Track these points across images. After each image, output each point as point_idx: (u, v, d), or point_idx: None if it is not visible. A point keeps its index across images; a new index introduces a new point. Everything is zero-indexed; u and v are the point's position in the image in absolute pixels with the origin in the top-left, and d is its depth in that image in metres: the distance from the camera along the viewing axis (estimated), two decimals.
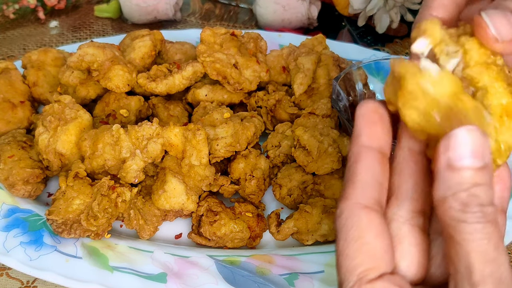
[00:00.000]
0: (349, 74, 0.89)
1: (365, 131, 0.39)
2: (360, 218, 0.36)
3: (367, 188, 0.37)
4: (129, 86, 0.84)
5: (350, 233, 0.36)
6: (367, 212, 0.37)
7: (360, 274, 0.35)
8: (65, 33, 1.25)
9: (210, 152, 0.76)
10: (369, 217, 0.36)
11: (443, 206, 0.34)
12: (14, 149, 0.77)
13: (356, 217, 0.36)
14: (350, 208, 0.37)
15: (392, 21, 1.22)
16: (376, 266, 0.35)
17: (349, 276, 0.35)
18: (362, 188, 0.37)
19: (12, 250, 0.68)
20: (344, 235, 0.36)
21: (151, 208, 0.73)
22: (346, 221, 0.37)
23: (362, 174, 0.38)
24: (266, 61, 0.92)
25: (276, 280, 0.67)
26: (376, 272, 0.35)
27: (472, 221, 0.33)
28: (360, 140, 0.39)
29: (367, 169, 0.38)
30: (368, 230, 0.36)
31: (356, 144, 0.39)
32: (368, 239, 0.36)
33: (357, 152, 0.38)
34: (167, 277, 0.67)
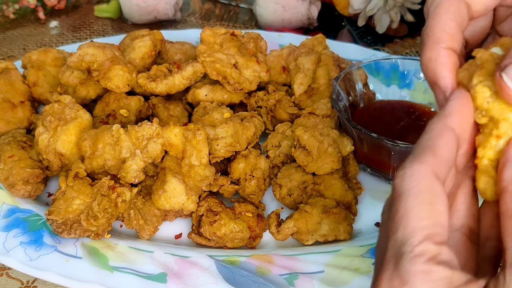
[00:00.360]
0: (349, 74, 0.89)
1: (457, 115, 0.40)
2: (435, 186, 0.37)
3: (445, 164, 0.38)
4: (129, 86, 0.84)
5: (423, 196, 0.37)
6: (441, 184, 0.38)
7: (428, 235, 0.36)
8: (65, 33, 1.25)
9: (210, 152, 0.76)
10: (442, 190, 0.37)
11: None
12: (14, 149, 0.77)
13: (431, 184, 0.37)
14: (426, 173, 0.37)
15: (392, 21, 1.22)
16: (442, 233, 0.36)
17: (415, 234, 0.36)
18: (441, 161, 0.38)
19: (12, 250, 0.68)
20: (413, 195, 0.37)
21: (151, 208, 0.73)
22: (418, 184, 0.37)
23: (444, 149, 0.39)
24: (266, 61, 0.92)
25: (276, 280, 0.67)
26: (441, 238, 0.36)
27: None
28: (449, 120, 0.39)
29: (449, 148, 0.39)
30: (440, 200, 0.37)
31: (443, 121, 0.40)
32: (439, 207, 0.37)
33: (443, 128, 0.39)
34: (167, 277, 0.67)
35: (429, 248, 0.35)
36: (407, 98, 0.92)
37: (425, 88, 0.91)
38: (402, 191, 0.37)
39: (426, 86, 0.91)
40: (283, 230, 0.73)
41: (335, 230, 0.73)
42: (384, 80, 0.93)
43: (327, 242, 0.74)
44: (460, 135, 0.40)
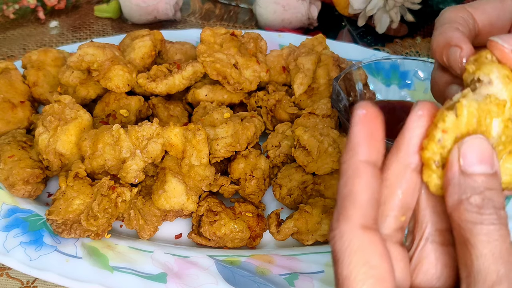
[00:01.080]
0: (349, 74, 0.89)
1: (364, 144, 0.37)
2: (364, 240, 0.36)
3: (368, 208, 0.36)
4: (129, 86, 0.84)
5: (356, 257, 0.35)
6: (370, 233, 0.36)
7: None
8: (65, 33, 1.25)
9: (210, 152, 0.76)
10: (372, 239, 0.36)
11: (459, 209, 0.35)
12: (14, 149, 0.77)
13: (360, 240, 0.36)
14: (352, 230, 0.36)
15: (392, 21, 1.22)
16: None
17: None
18: (362, 208, 0.36)
19: (12, 250, 0.68)
20: (348, 259, 0.35)
21: (151, 208, 0.73)
22: (349, 245, 0.36)
23: (362, 193, 0.36)
24: (266, 61, 0.92)
25: (276, 280, 0.67)
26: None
27: (487, 223, 0.34)
28: (358, 153, 0.37)
29: (367, 188, 0.37)
30: (373, 253, 0.36)
31: (353, 158, 0.37)
32: (374, 262, 0.35)
33: (355, 167, 0.37)
34: (167, 277, 0.67)
35: None
36: (407, 98, 0.92)
37: (425, 88, 0.91)
38: (336, 255, 0.36)
39: (426, 86, 0.91)
40: (283, 230, 0.73)
41: None
42: (384, 80, 0.93)
43: (327, 242, 0.74)
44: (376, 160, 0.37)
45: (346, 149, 0.38)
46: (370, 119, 0.38)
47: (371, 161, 0.37)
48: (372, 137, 0.37)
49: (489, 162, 0.36)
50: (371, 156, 0.37)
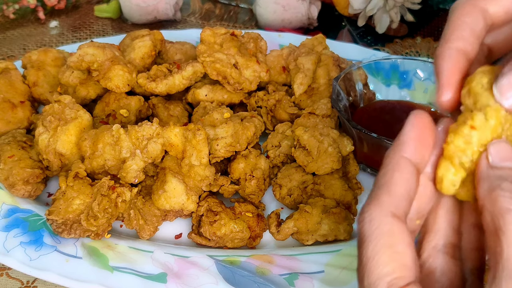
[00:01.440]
0: (349, 74, 0.89)
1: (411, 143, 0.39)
2: (393, 227, 0.37)
3: (402, 200, 0.38)
4: (129, 86, 0.84)
5: (382, 240, 0.37)
6: (399, 222, 0.37)
7: (391, 281, 0.36)
8: (65, 33, 1.25)
9: (210, 152, 0.76)
10: (401, 228, 0.37)
11: (491, 196, 0.36)
12: (14, 149, 0.77)
13: (389, 225, 0.37)
14: (382, 215, 0.37)
15: (392, 21, 1.22)
16: (405, 275, 0.36)
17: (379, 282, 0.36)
18: (396, 198, 0.38)
19: (12, 250, 0.68)
20: (374, 241, 0.37)
21: (151, 208, 0.73)
22: (378, 227, 0.37)
23: (399, 184, 0.38)
24: (266, 61, 0.92)
25: (276, 280, 0.67)
26: (405, 281, 0.36)
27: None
28: (403, 150, 0.39)
29: (405, 182, 0.38)
30: (400, 240, 0.37)
31: (398, 152, 0.39)
32: (400, 248, 0.37)
33: (397, 161, 0.39)
34: (167, 277, 0.67)
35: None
36: (407, 98, 0.92)
37: (425, 88, 0.91)
38: (363, 237, 0.38)
39: (426, 86, 0.91)
40: (283, 230, 0.73)
41: (335, 230, 0.73)
42: (384, 80, 0.93)
43: (327, 242, 0.74)
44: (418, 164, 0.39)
45: (393, 145, 0.39)
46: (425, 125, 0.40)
47: (414, 162, 0.39)
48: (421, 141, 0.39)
49: None
50: (415, 157, 0.39)
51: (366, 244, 0.37)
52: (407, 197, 0.38)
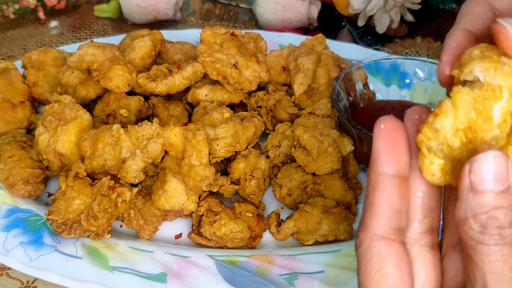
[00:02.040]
0: (349, 74, 0.89)
1: (383, 156, 0.38)
2: (379, 249, 0.37)
3: (385, 219, 0.38)
4: (129, 86, 0.84)
5: (370, 265, 0.37)
6: (386, 243, 0.38)
7: None
8: (65, 33, 1.25)
9: (210, 152, 0.76)
10: (388, 248, 0.37)
11: (464, 226, 0.35)
12: (14, 149, 0.77)
13: (375, 249, 0.37)
14: (369, 239, 0.38)
15: (392, 21, 1.22)
16: None
17: None
18: (380, 219, 0.38)
19: (12, 250, 0.68)
20: (364, 266, 0.38)
21: (151, 208, 0.73)
22: (366, 253, 0.38)
23: (380, 204, 0.38)
24: (266, 61, 0.92)
25: (276, 280, 0.67)
26: None
27: (490, 243, 0.34)
28: (378, 167, 0.39)
29: (385, 199, 0.38)
30: (387, 262, 0.37)
31: (374, 171, 0.39)
32: (387, 270, 0.37)
33: (375, 180, 0.38)
34: (167, 277, 0.67)
35: None
36: (407, 98, 0.92)
37: (425, 88, 0.91)
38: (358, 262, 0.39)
39: (426, 86, 0.91)
40: (283, 230, 0.73)
41: (335, 230, 0.73)
42: (384, 80, 0.93)
43: (327, 242, 0.74)
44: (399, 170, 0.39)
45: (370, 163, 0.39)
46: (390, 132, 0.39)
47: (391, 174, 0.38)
48: (393, 150, 0.38)
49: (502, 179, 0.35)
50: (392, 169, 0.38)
51: (359, 269, 0.38)
52: (392, 214, 0.38)
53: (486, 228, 0.34)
